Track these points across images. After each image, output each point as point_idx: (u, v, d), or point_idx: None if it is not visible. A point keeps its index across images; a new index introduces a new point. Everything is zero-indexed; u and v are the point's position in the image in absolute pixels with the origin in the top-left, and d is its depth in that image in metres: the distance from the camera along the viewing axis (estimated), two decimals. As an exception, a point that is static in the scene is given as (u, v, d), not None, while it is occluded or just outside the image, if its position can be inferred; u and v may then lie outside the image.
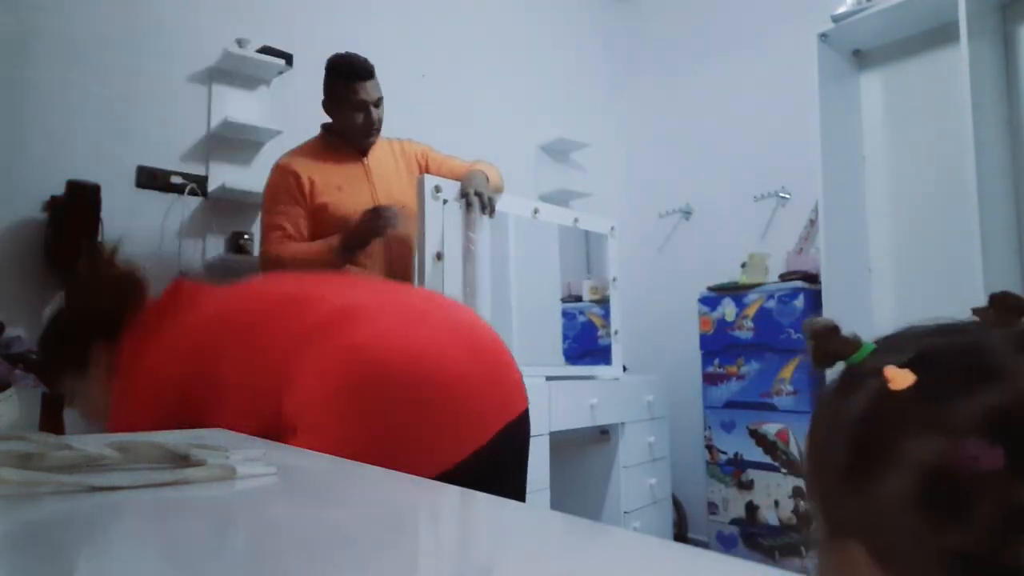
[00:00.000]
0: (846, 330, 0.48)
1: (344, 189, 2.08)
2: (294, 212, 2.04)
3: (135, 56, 2.45)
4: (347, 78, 2.12)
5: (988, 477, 0.37)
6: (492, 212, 2.06)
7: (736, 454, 2.71)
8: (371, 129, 2.15)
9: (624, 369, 2.68)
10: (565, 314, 3.03)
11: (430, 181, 2.02)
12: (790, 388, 2.57)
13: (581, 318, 2.86)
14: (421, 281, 1.98)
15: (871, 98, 2.77)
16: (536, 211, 2.34)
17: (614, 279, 2.62)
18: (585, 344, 2.83)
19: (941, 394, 0.41)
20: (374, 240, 1.92)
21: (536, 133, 3.60)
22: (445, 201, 2.05)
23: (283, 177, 2.07)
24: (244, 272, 2.31)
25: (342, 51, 2.25)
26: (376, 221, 1.89)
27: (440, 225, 2.02)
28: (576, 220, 2.49)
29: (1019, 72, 2.39)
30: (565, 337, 3.03)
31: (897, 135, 2.68)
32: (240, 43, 2.56)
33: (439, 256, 2.00)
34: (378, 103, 2.16)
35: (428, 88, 3.11)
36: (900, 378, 0.43)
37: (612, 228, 2.63)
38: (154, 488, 0.45)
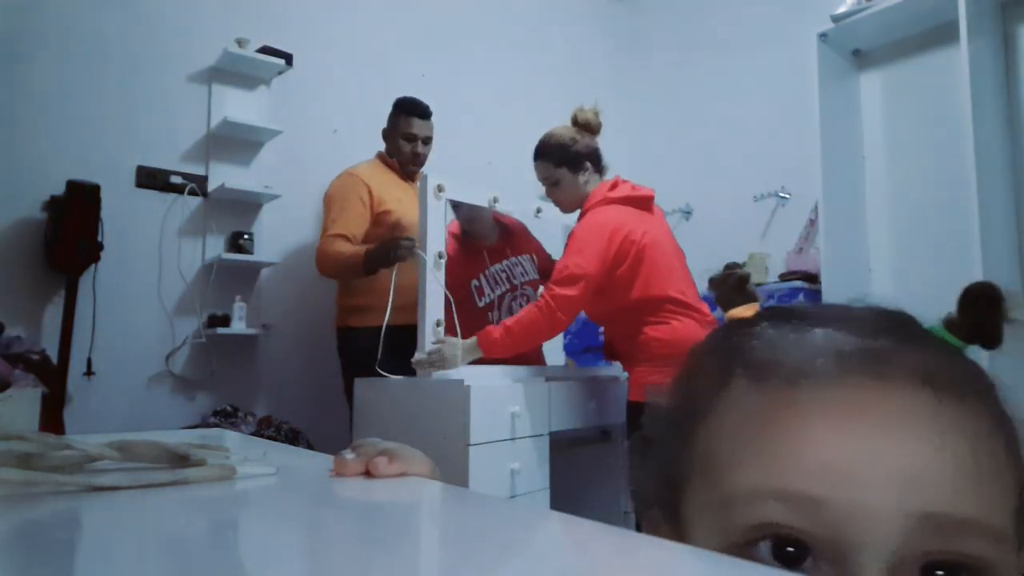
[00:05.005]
0: None
1: (403, 202, 2.34)
2: (353, 212, 2.30)
3: (135, 56, 2.45)
4: (406, 112, 2.48)
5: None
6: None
7: (736, 454, 2.70)
8: (416, 159, 2.49)
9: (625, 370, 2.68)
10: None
11: (432, 180, 2.02)
12: (790, 388, 2.57)
13: (582, 314, 2.84)
14: (423, 279, 1.98)
15: (871, 98, 2.77)
16: (539, 211, 2.33)
17: None
18: (586, 339, 2.83)
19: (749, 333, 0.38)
20: (390, 264, 2.09)
21: (536, 133, 3.59)
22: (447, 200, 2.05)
23: (351, 181, 2.36)
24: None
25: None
26: (395, 250, 2.04)
27: (442, 224, 2.01)
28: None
29: (1019, 72, 2.39)
30: (566, 333, 3.03)
31: (897, 135, 2.68)
32: (240, 43, 2.56)
33: (440, 255, 2.00)
34: (426, 141, 2.51)
35: (428, 88, 3.11)
36: (737, 313, 0.41)
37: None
38: (154, 488, 0.45)
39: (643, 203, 2.09)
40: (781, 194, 3.20)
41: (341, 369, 2.46)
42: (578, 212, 2.13)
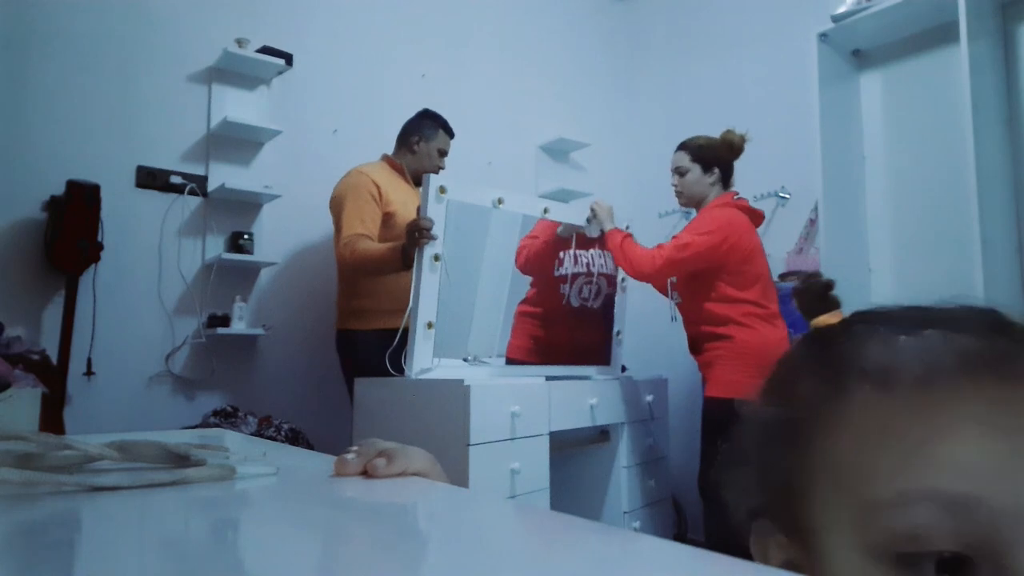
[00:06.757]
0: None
1: (407, 206, 2.35)
2: (369, 210, 2.33)
3: (135, 56, 2.45)
4: (444, 130, 2.58)
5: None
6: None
7: (736, 454, 2.70)
8: (436, 172, 2.51)
9: (624, 369, 2.68)
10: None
11: (435, 182, 2.02)
12: (790, 388, 2.57)
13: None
14: (418, 282, 1.98)
15: (871, 98, 2.77)
16: (546, 210, 2.33)
17: (622, 280, 2.60)
18: None
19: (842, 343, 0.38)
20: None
21: (536, 133, 3.60)
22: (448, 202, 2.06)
23: (361, 179, 2.38)
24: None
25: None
26: (419, 234, 1.98)
27: (442, 226, 2.01)
28: (589, 219, 2.46)
29: (1019, 72, 2.39)
30: None
31: (897, 135, 2.68)
32: (240, 43, 2.56)
33: (436, 258, 2.00)
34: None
35: (428, 88, 3.11)
36: (824, 320, 0.41)
37: (627, 227, 2.59)
38: (154, 488, 0.45)
39: (756, 218, 2.35)
40: (781, 194, 3.20)
41: (342, 372, 2.46)
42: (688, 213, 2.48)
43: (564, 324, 2.46)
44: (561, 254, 2.45)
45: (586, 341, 2.55)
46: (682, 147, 2.42)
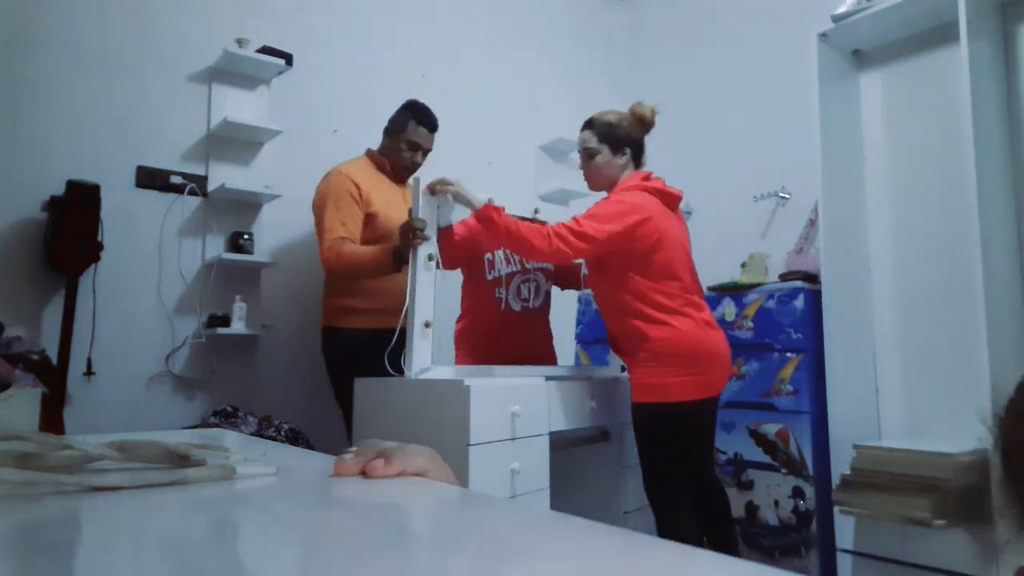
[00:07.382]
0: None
1: (391, 204, 2.34)
2: (351, 212, 2.28)
3: (135, 56, 2.45)
4: (418, 120, 2.46)
5: None
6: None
7: (736, 454, 2.71)
8: (413, 167, 2.45)
9: (623, 370, 2.68)
10: (581, 299, 3.17)
11: (425, 182, 2.02)
12: (790, 388, 2.57)
13: (595, 305, 2.82)
14: (414, 282, 1.98)
15: (871, 98, 2.77)
16: (536, 211, 2.33)
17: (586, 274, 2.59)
18: (597, 331, 2.81)
19: None
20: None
21: (536, 133, 3.60)
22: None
23: (341, 180, 2.33)
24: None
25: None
26: (413, 235, 1.96)
27: (434, 227, 2.02)
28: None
29: (1019, 72, 2.38)
30: (579, 322, 3.03)
31: (897, 135, 2.68)
32: (240, 43, 2.56)
33: (431, 257, 2.00)
34: (426, 153, 2.50)
35: (428, 88, 3.11)
36: None
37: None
38: (154, 488, 0.45)
39: (671, 201, 2.16)
40: (781, 194, 3.20)
41: (327, 370, 2.46)
42: (604, 196, 2.19)
43: (504, 333, 2.29)
44: (489, 255, 2.28)
45: (529, 347, 2.38)
46: (588, 125, 2.19)
